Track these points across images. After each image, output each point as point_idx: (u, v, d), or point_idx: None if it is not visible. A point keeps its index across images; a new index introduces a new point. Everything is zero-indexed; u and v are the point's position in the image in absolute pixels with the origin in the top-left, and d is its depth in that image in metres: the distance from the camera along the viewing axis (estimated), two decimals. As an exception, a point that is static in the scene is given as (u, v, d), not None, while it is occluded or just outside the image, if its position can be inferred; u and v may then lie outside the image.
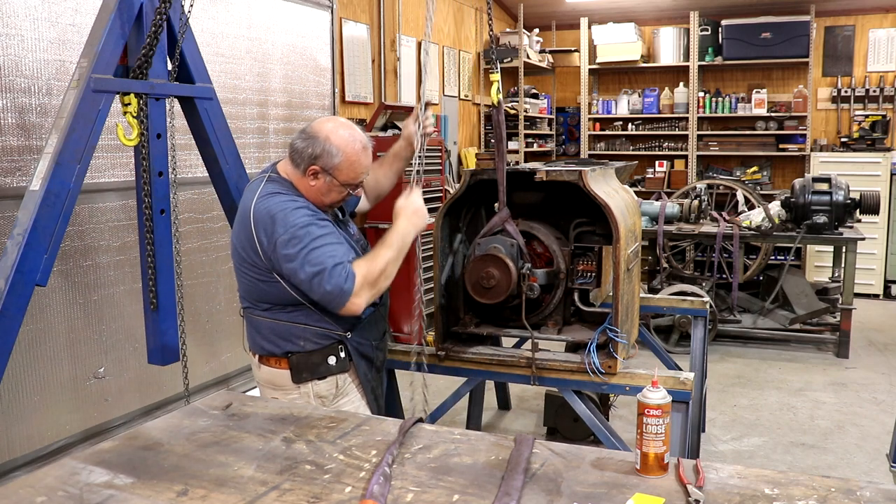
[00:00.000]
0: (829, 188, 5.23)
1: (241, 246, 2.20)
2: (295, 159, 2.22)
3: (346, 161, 2.17)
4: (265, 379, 2.31)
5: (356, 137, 2.21)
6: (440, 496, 1.41)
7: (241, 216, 2.21)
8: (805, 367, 5.13)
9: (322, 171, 2.18)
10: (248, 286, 2.26)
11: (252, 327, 2.32)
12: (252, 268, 2.19)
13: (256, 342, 2.31)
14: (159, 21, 2.66)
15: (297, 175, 2.22)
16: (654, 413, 1.49)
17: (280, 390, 2.27)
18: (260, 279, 2.19)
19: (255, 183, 2.26)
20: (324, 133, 2.18)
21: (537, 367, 2.59)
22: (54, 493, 1.42)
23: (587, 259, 2.71)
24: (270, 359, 2.27)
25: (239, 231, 2.21)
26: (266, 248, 2.12)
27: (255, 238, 2.13)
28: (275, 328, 2.24)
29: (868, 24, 7.54)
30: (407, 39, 6.22)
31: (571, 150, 8.71)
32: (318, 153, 2.16)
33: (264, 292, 2.21)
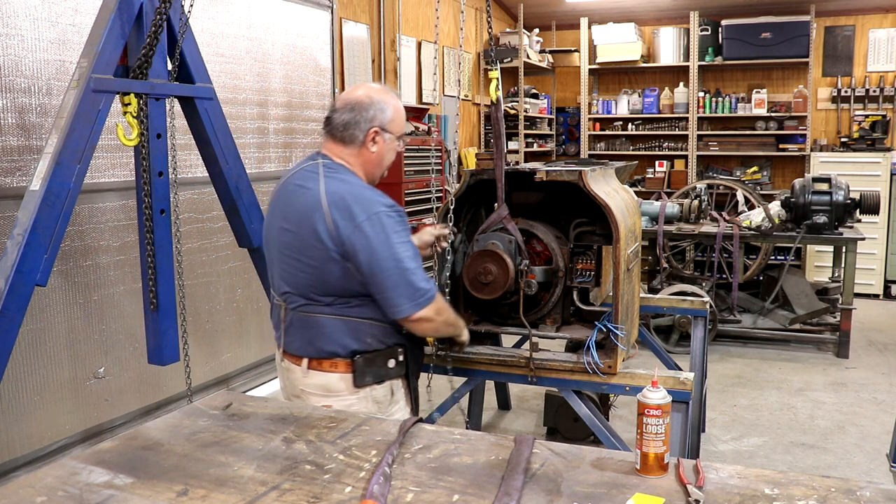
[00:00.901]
0: (829, 188, 5.23)
1: (303, 232, 2.05)
2: (346, 135, 2.15)
3: (394, 111, 2.20)
4: (316, 384, 2.14)
5: (387, 88, 2.26)
6: (440, 496, 1.41)
7: (305, 201, 2.07)
8: (805, 367, 5.13)
9: (381, 131, 2.16)
10: (308, 278, 2.07)
11: (307, 327, 2.12)
12: (319, 254, 2.03)
13: (312, 344, 2.12)
14: (159, 21, 2.66)
15: (353, 150, 2.17)
16: (654, 413, 1.49)
17: (334, 396, 2.12)
18: (327, 267, 2.03)
19: (310, 168, 2.14)
20: (364, 96, 2.17)
21: (537, 367, 2.59)
22: (54, 493, 1.42)
23: (586, 258, 2.71)
24: (325, 362, 2.11)
25: (304, 216, 2.05)
26: (342, 228, 1.99)
27: (329, 220, 2.01)
28: (341, 325, 2.08)
29: (868, 24, 7.54)
30: (407, 39, 6.22)
31: (571, 150, 8.71)
32: (372, 115, 2.15)
33: (330, 283, 2.05)
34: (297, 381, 2.18)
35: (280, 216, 2.15)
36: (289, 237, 2.10)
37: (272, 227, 2.21)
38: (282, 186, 2.22)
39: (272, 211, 2.23)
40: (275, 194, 2.24)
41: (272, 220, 2.22)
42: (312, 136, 5.03)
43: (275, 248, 2.18)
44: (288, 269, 2.12)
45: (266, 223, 2.28)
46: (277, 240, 2.16)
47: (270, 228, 2.22)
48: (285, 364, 2.23)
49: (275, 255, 2.18)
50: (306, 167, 2.18)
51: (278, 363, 2.30)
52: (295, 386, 2.20)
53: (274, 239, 2.18)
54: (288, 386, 2.24)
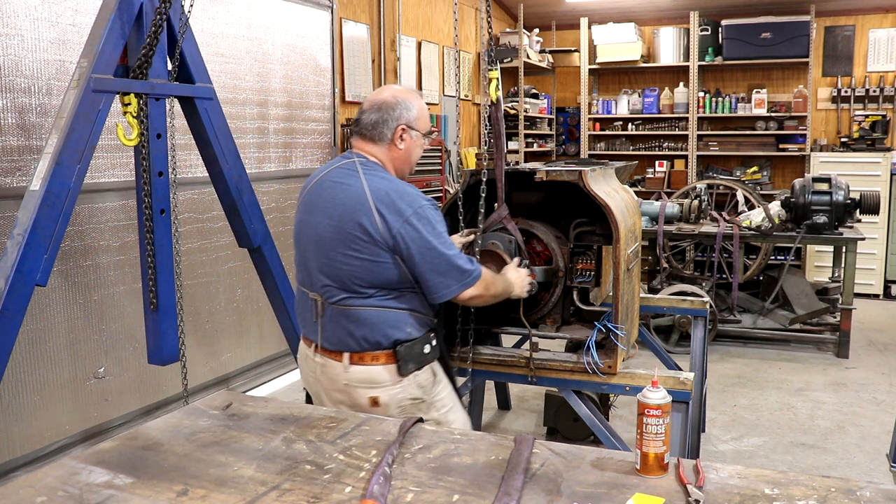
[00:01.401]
0: (829, 188, 5.22)
1: (348, 227, 2.11)
2: (375, 134, 2.25)
3: (419, 109, 2.31)
4: (360, 379, 2.18)
5: (411, 89, 2.36)
6: (440, 496, 1.41)
7: (348, 197, 2.14)
8: (805, 367, 5.13)
9: (407, 128, 2.26)
10: (354, 270, 2.13)
11: (347, 320, 2.16)
12: (365, 248, 2.10)
13: (354, 337, 2.16)
14: (159, 21, 2.66)
15: (383, 148, 2.26)
16: (654, 413, 1.49)
17: (379, 387, 2.17)
18: (374, 260, 2.11)
19: (347, 165, 2.22)
20: (390, 97, 2.27)
21: (537, 367, 2.59)
22: (54, 493, 1.42)
23: (586, 258, 2.71)
24: (366, 355, 2.16)
25: (348, 210, 2.12)
26: (391, 223, 2.08)
27: (376, 215, 2.09)
28: (383, 316, 2.15)
29: (868, 24, 7.54)
30: (407, 39, 6.22)
31: (571, 150, 8.71)
32: (398, 113, 2.25)
33: (376, 275, 2.12)
34: (338, 376, 2.20)
35: (320, 212, 2.20)
36: (331, 231, 2.15)
37: (308, 223, 2.24)
38: (318, 184, 2.26)
39: (308, 207, 2.26)
40: (309, 191, 2.29)
41: (308, 217, 2.24)
42: (312, 135, 5.03)
43: (312, 242, 2.21)
44: (329, 262, 2.16)
45: (300, 220, 2.30)
46: (317, 234, 2.19)
47: (306, 224, 2.25)
48: (320, 359, 2.24)
49: (312, 249, 2.21)
50: (342, 165, 2.24)
51: (308, 357, 2.30)
52: (335, 381, 2.21)
53: (311, 234, 2.22)
54: (324, 381, 2.24)
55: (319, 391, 2.30)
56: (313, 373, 2.29)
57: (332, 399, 2.25)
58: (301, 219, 2.29)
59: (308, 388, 2.38)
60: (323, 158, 5.14)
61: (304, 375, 2.37)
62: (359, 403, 2.20)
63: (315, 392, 2.33)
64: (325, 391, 2.27)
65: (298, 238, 2.30)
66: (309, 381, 2.34)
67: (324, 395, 2.28)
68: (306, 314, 2.29)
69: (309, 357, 2.30)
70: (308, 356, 2.30)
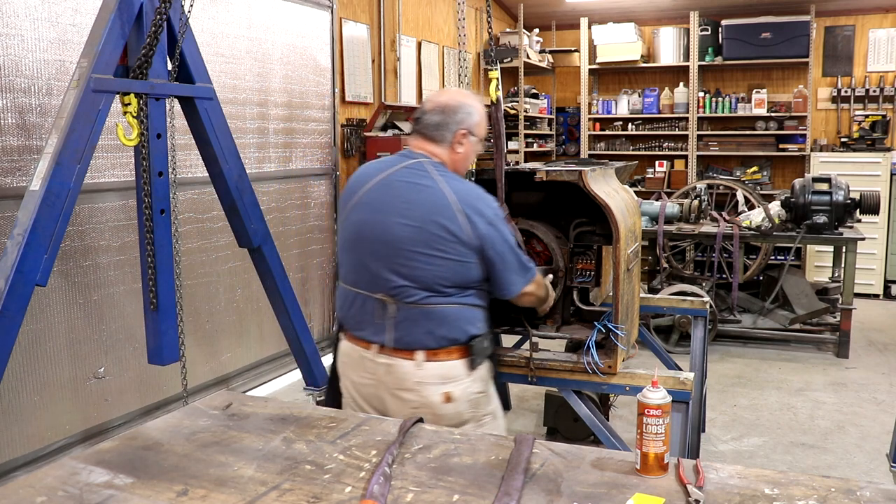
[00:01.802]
0: (829, 188, 5.22)
1: (431, 228, 2.12)
2: (437, 135, 2.26)
3: (480, 115, 2.33)
4: (433, 375, 2.18)
5: (473, 93, 2.39)
6: (440, 496, 1.41)
7: (428, 198, 2.14)
8: (805, 367, 5.13)
9: (468, 133, 2.28)
10: (438, 270, 2.13)
11: (428, 319, 2.16)
12: (451, 248, 2.12)
13: (433, 334, 2.16)
14: (159, 21, 2.67)
15: (443, 149, 2.27)
16: (654, 413, 1.49)
17: (452, 382, 2.19)
18: (460, 260, 2.14)
19: (415, 166, 2.21)
20: (455, 100, 2.29)
21: (537, 367, 2.59)
22: (54, 493, 1.42)
23: (586, 258, 2.71)
24: (441, 351, 2.17)
25: (431, 212, 2.13)
26: (478, 225, 2.13)
27: (462, 216, 2.12)
28: (463, 313, 2.19)
29: (868, 24, 7.54)
30: (407, 39, 6.22)
31: (571, 150, 8.71)
32: (460, 117, 2.27)
33: (460, 274, 2.15)
34: (408, 374, 2.18)
35: (393, 212, 2.16)
36: (410, 232, 2.13)
37: (375, 223, 2.19)
38: (383, 183, 2.22)
39: (371, 207, 2.21)
40: (371, 190, 2.23)
41: (375, 216, 2.19)
42: (312, 135, 5.03)
43: (381, 243, 2.17)
44: (407, 263, 2.14)
45: (360, 219, 2.23)
46: (391, 235, 2.15)
47: (371, 224, 2.19)
48: (385, 359, 2.20)
49: (382, 250, 2.17)
50: (409, 165, 2.23)
51: (362, 359, 2.24)
52: (404, 380, 2.19)
53: (380, 234, 2.17)
54: (390, 381, 2.21)
55: (381, 392, 2.24)
56: (372, 374, 2.23)
57: (399, 399, 2.20)
58: (363, 218, 2.22)
59: (357, 391, 2.31)
60: (323, 158, 5.14)
61: (355, 379, 2.30)
62: (430, 401, 2.17)
63: (370, 395, 2.27)
64: (388, 391, 2.22)
65: (357, 238, 2.23)
66: (363, 383, 2.27)
67: (387, 396, 2.23)
68: (364, 316, 2.23)
69: (366, 359, 2.24)
70: (364, 358, 2.24)
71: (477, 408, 2.26)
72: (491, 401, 2.33)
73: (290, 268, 4.62)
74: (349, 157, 5.49)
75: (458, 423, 2.19)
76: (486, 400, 2.29)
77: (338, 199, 5.27)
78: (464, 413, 2.22)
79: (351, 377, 2.32)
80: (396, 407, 2.20)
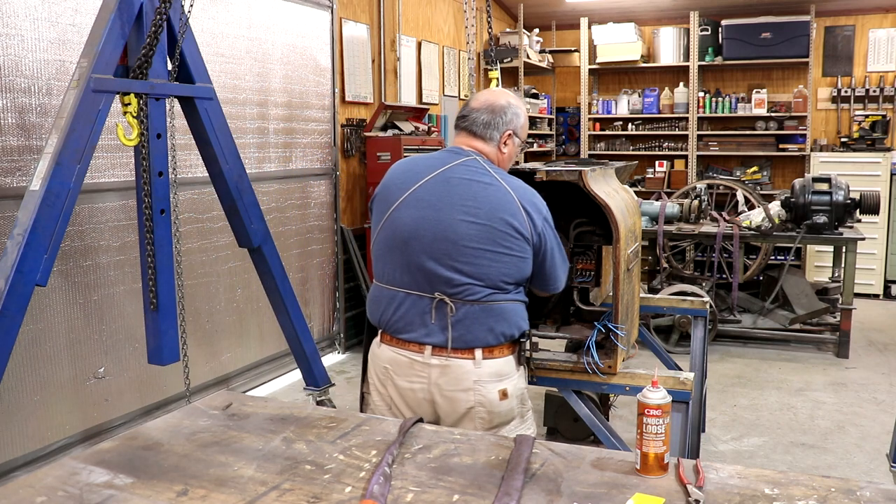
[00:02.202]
0: (829, 188, 5.22)
1: (503, 224, 2.11)
2: (486, 133, 2.25)
3: (525, 118, 2.34)
4: (491, 372, 2.15)
5: (519, 95, 2.43)
6: (440, 496, 1.41)
7: (492, 196, 2.13)
8: (805, 367, 5.13)
9: (513, 134, 2.29)
10: (503, 267, 2.13)
11: (489, 315, 2.14)
12: (516, 245, 2.13)
13: (493, 331, 2.14)
14: (159, 21, 2.66)
15: (491, 148, 2.27)
16: (654, 413, 1.49)
17: (506, 379, 2.18)
18: (522, 256, 2.16)
19: (470, 163, 2.20)
20: (504, 101, 2.29)
21: (537, 367, 2.59)
22: (54, 493, 1.42)
23: (586, 258, 2.71)
24: (495, 349, 2.16)
25: (496, 209, 2.12)
26: (536, 222, 2.16)
27: (524, 213, 2.14)
28: (518, 309, 2.21)
29: (868, 24, 7.54)
30: (407, 39, 6.22)
31: (571, 150, 8.71)
32: (509, 118, 2.27)
33: (521, 270, 2.17)
34: (467, 374, 2.14)
35: (456, 209, 2.12)
36: (476, 230, 2.12)
37: (432, 220, 2.13)
38: (440, 179, 2.17)
39: (432, 204, 2.15)
40: (426, 187, 2.17)
41: (433, 213, 2.13)
42: (312, 136, 5.03)
43: (447, 241, 2.12)
44: (473, 261, 2.11)
45: (416, 217, 2.15)
46: (452, 232, 2.11)
47: (435, 222, 2.13)
48: (441, 361, 2.14)
49: (442, 247, 2.12)
50: (464, 162, 2.20)
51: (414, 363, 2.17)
52: (462, 380, 2.14)
53: (447, 231, 2.12)
54: (445, 383, 2.15)
55: (432, 396, 2.17)
56: (424, 378, 2.17)
57: (451, 401, 2.15)
58: (420, 215, 2.15)
59: (402, 397, 2.21)
60: (323, 158, 5.14)
61: (403, 385, 2.20)
62: (488, 399, 2.15)
63: (419, 400, 2.19)
64: (441, 394, 2.16)
65: (411, 237, 2.15)
66: (413, 388, 2.19)
67: (439, 399, 2.17)
68: (415, 317, 2.16)
69: (416, 363, 2.17)
70: (413, 362, 2.17)
71: (524, 403, 2.29)
72: (529, 399, 2.37)
73: (290, 268, 4.62)
74: (349, 157, 5.49)
75: (509, 420, 2.22)
76: (527, 396, 2.33)
77: (337, 200, 5.27)
78: (515, 409, 2.23)
79: (397, 384, 2.21)
80: (449, 409, 2.16)
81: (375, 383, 2.28)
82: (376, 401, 2.28)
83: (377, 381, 2.28)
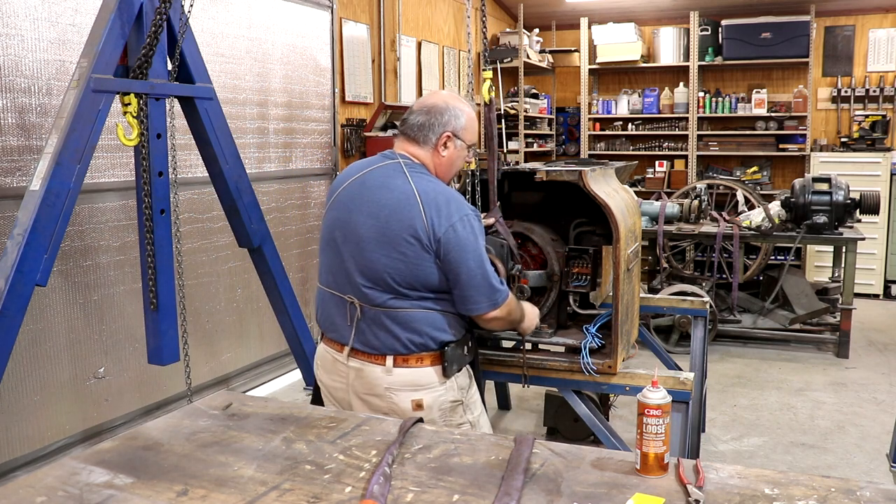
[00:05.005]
0: (829, 188, 5.22)
1: (396, 227, 2.08)
2: (420, 136, 2.21)
3: (469, 120, 2.26)
4: (403, 382, 2.14)
5: (463, 97, 2.32)
6: (440, 496, 1.41)
7: (396, 198, 2.10)
8: (805, 367, 5.13)
9: (452, 136, 2.22)
10: (401, 272, 2.09)
11: (394, 322, 2.12)
12: (412, 250, 2.07)
13: (399, 339, 2.12)
14: (159, 21, 2.67)
15: (426, 152, 2.22)
16: (654, 413, 1.49)
17: (423, 390, 2.15)
18: (420, 262, 2.08)
19: (391, 166, 2.18)
20: (442, 102, 2.24)
21: (538, 367, 2.59)
22: (54, 493, 1.42)
23: (582, 261, 2.70)
24: (411, 357, 2.13)
25: (396, 211, 2.09)
26: (438, 229, 2.06)
27: (424, 217, 2.06)
28: (429, 318, 2.13)
29: (868, 24, 7.54)
30: (407, 39, 6.22)
31: (571, 150, 8.71)
32: (446, 119, 2.21)
33: (421, 277, 2.09)
34: (377, 379, 2.15)
35: (363, 212, 2.14)
36: (376, 233, 2.10)
37: (347, 223, 2.16)
38: (358, 182, 2.20)
39: (345, 206, 2.19)
40: (347, 190, 2.21)
41: (348, 216, 2.17)
42: (312, 136, 5.03)
43: (352, 243, 2.14)
44: (372, 264, 2.11)
45: (334, 217, 2.21)
46: (358, 235, 2.13)
47: (344, 224, 2.17)
48: (355, 363, 2.17)
49: (351, 250, 2.14)
50: (385, 165, 2.20)
51: (335, 362, 2.22)
52: (374, 385, 2.16)
53: (351, 234, 2.15)
54: (359, 386, 2.18)
55: (350, 397, 2.21)
56: (343, 378, 2.21)
57: (368, 405, 2.17)
58: (337, 217, 2.20)
59: (331, 394, 2.28)
60: (323, 158, 5.14)
61: (328, 382, 2.28)
62: (400, 408, 2.14)
63: (341, 399, 2.24)
64: (358, 397, 2.19)
65: (331, 238, 2.21)
66: (335, 387, 2.25)
67: (356, 401, 2.20)
68: (336, 318, 2.20)
69: (338, 362, 2.21)
70: (336, 361, 2.22)
71: (451, 416, 2.20)
72: (470, 410, 2.26)
73: (290, 268, 4.62)
74: (349, 157, 5.50)
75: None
76: (461, 410, 2.23)
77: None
78: (436, 422, 2.15)
79: (324, 380, 2.29)
80: (366, 412, 2.13)
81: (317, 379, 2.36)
82: (322, 396, 2.36)
83: (317, 376, 2.36)
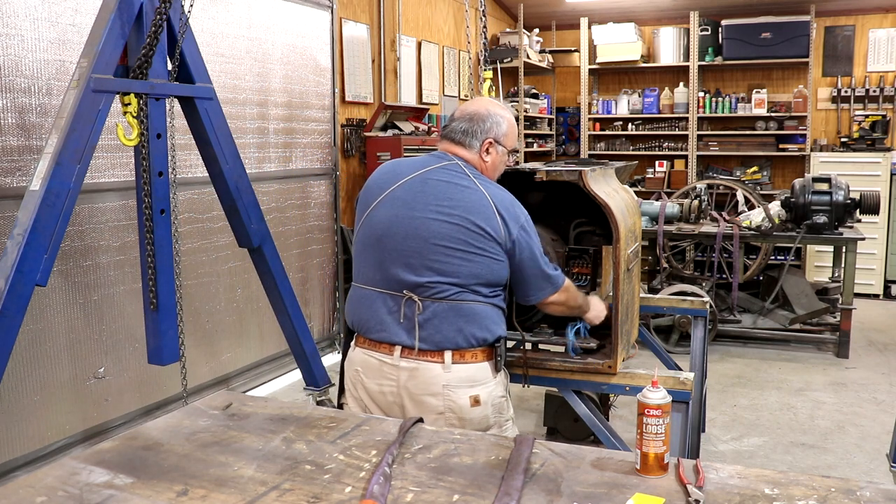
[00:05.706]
0: (829, 188, 5.22)
1: (468, 226, 2.12)
2: (465, 140, 2.27)
3: (509, 126, 2.33)
4: (460, 378, 2.13)
5: (503, 104, 2.41)
6: (440, 496, 1.41)
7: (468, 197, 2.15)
8: (805, 367, 5.13)
9: (494, 143, 2.28)
10: (472, 267, 2.12)
11: (458, 315, 2.12)
12: (486, 247, 2.13)
13: (463, 333, 2.12)
14: (159, 21, 2.67)
15: (473, 154, 2.27)
16: (654, 413, 1.49)
17: (480, 385, 2.15)
18: (496, 258, 2.15)
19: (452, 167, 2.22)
20: (483, 109, 2.30)
21: (538, 367, 2.59)
22: (54, 493, 1.42)
23: (582, 262, 2.71)
24: (467, 353, 2.14)
25: (470, 211, 2.13)
26: (512, 229, 2.16)
27: (499, 219, 2.15)
28: (490, 312, 2.18)
29: (868, 24, 7.54)
30: (407, 39, 6.22)
31: (571, 150, 8.71)
32: (488, 126, 2.27)
33: (493, 272, 2.16)
34: (434, 377, 2.12)
35: (430, 209, 2.15)
36: (449, 228, 2.13)
37: (408, 218, 2.15)
38: (419, 180, 2.20)
39: (409, 203, 2.17)
40: (404, 187, 2.20)
41: (410, 212, 2.16)
42: (312, 136, 5.03)
43: (420, 238, 2.14)
44: (443, 259, 2.12)
45: (392, 215, 2.18)
46: (426, 230, 2.13)
47: (407, 220, 2.15)
48: (409, 364, 2.13)
49: (414, 245, 2.14)
50: (445, 165, 2.23)
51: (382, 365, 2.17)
52: (431, 384, 2.13)
53: (412, 229, 2.14)
54: (413, 387, 2.14)
55: (402, 400, 2.16)
56: (393, 381, 2.15)
57: (422, 405, 2.13)
58: (395, 214, 2.17)
59: (374, 400, 2.21)
60: (323, 158, 5.14)
61: (373, 388, 2.20)
62: (457, 405, 2.12)
63: (390, 403, 2.18)
64: (411, 398, 2.15)
65: (385, 234, 2.17)
66: (384, 391, 2.18)
67: (409, 403, 2.15)
68: (386, 317, 2.16)
69: (385, 364, 2.16)
70: (383, 364, 2.17)
71: (501, 412, 2.23)
72: (509, 407, 2.31)
73: (290, 268, 4.62)
74: (349, 157, 5.50)
75: (484, 429, 2.15)
76: (506, 405, 2.27)
77: (337, 200, 5.27)
78: (489, 417, 2.18)
79: (367, 386, 2.21)
80: (418, 413, 2.08)
81: (350, 388, 2.28)
82: (352, 406, 2.27)
83: (351, 385, 2.28)
